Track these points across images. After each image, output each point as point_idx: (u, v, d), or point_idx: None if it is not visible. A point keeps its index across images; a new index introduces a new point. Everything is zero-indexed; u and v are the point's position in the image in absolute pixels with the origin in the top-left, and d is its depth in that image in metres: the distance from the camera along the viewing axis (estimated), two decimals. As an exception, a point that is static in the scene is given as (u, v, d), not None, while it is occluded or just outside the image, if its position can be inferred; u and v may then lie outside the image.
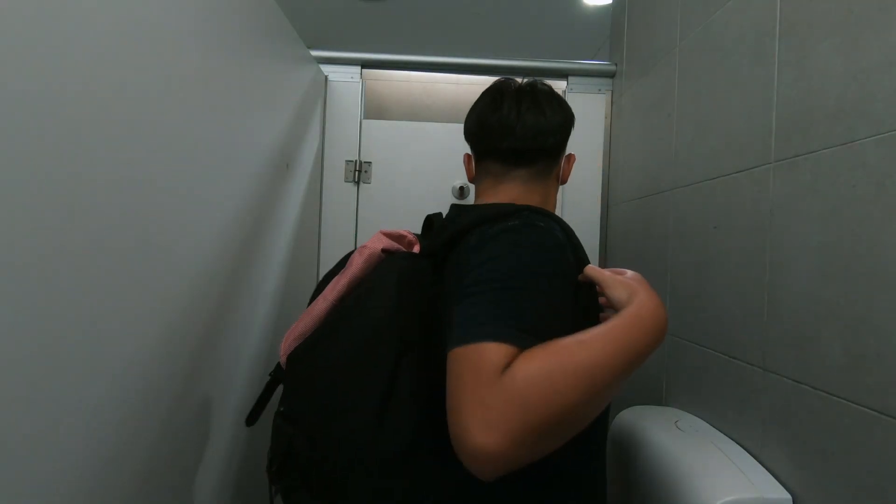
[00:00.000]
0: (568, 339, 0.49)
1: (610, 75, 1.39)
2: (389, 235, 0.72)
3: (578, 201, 1.38)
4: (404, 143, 1.36)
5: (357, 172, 1.36)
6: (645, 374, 1.10)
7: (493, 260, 0.55)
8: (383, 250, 0.70)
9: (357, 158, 1.36)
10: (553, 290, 0.55)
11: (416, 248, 0.70)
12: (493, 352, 0.47)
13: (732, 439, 0.77)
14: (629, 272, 0.63)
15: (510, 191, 0.75)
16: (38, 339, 0.43)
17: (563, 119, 0.78)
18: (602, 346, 0.49)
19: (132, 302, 0.55)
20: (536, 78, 0.81)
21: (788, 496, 0.64)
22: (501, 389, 0.44)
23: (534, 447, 0.45)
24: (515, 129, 0.73)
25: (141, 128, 0.55)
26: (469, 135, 0.80)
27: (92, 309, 0.49)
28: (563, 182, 0.84)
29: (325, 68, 1.36)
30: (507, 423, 0.43)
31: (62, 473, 0.46)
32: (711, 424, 0.83)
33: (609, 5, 1.71)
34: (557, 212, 1.34)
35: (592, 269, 0.62)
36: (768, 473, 0.68)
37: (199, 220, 0.69)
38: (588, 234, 1.38)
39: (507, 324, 0.49)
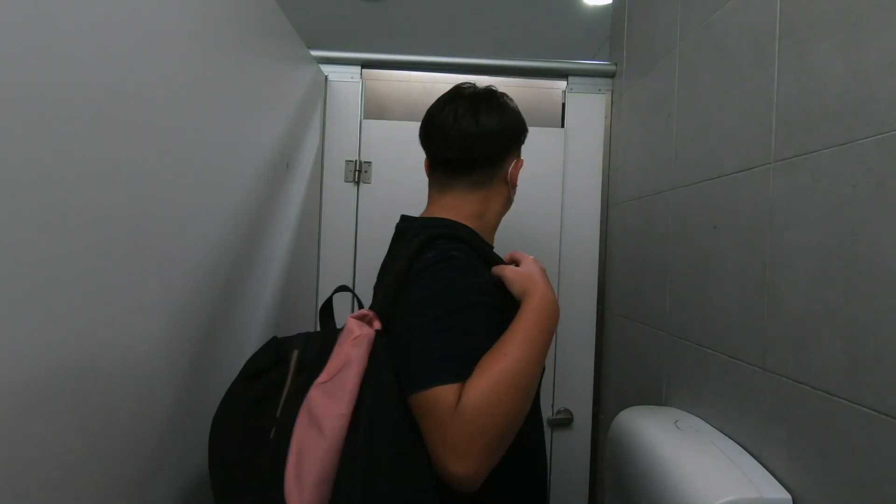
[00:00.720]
0: (491, 356, 0.59)
1: (610, 75, 1.39)
2: (359, 317, 0.65)
3: (578, 201, 1.38)
4: (404, 143, 1.36)
5: (357, 172, 1.36)
6: (645, 374, 1.10)
7: (419, 304, 0.62)
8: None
9: (357, 158, 1.36)
10: (477, 318, 0.62)
11: (377, 324, 0.65)
12: (443, 394, 0.55)
13: (732, 439, 0.77)
14: (528, 259, 0.73)
15: (451, 201, 0.80)
16: (39, 337, 0.43)
17: (499, 127, 0.79)
18: (519, 349, 0.59)
19: (132, 302, 0.55)
20: (493, 85, 0.84)
21: (788, 496, 0.64)
22: (459, 425, 0.54)
23: (497, 454, 0.56)
24: (451, 137, 0.78)
25: (140, 128, 0.55)
26: (420, 139, 0.85)
27: (91, 309, 0.49)
28: (513, 186, 0.86)
29: (325, 68, 1.36)
30: (474, 449, 0.53)
31: (62, 473, 0.46)
32: (711, 424, 0.83)
33: (609, 5, 1.71)
34: (557, 212, 1.35)
35: (496, 268, 0.71)
36: (768, 473, 0.68)
37: (199, 220, 0.69)
38: (588, 234, 1.38)
39: (446, 365, 0.57)
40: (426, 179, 0.85)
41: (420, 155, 0.84)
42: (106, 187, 0.50)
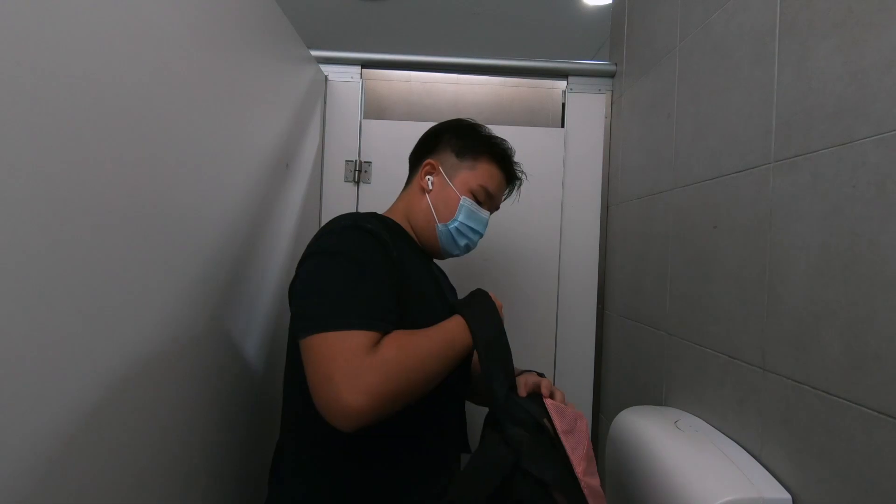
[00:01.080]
0: (415, 334, 0.67)
1: (610, 75, 1.39)
2: None
3: (578, 201, 1.38)
4: (404, 143, 1.34)
5: (357, 172, 1.36)
6: (645, 374, 1.10)
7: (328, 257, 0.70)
8: None
9: (357, 158, 1.36)
10: (374, 278, 0.68)
11: None
12: (360, 336, 0.61)
13: (732, 439, 0.77)
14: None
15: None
16: (39, 336, 0.43)
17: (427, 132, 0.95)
18: (433, 342, 0.68)
19: (131, 303, 0.55)
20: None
21: (788, 496, 0.64)
22: (372, 364, 0.60)
23: (386, 409, 0.60)
24: None
25: (140, 128, 0.55)
26: None
27: (92, 309, 0.49)
28: (424, 189, 0.91)
29: (325, 68, 1.36)
30: (374, 387, 0.59)
31: (63, 471, 0.46)
32: (711, 424, 0.83)
33: (609, 5, 1.71)
34: (557, 212, 1.35)
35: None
36: (768, 473, 0.68)
37: (198, 221, 0.69)
38: (588, 234, 1.38)
39: (361, 313, 0.63)
40: (425, 179, 0.90)
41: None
42: (104, 187, 0.50)
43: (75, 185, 0.46)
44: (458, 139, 0.91)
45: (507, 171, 0.94)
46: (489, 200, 0.91)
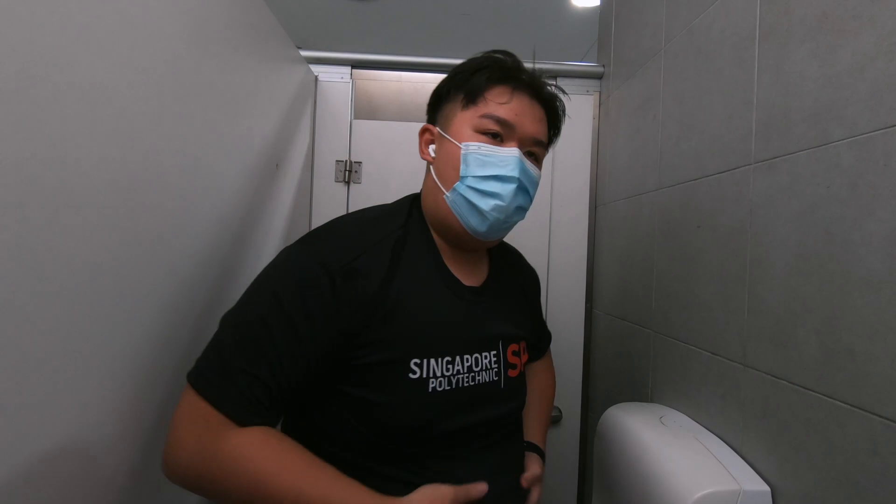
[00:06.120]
0: (282, 472, 0.52)
1: (598, 77, 1.41)
2: None
3: (567, 201, 1.40)
4: (394, 143, 1.36)
5: (347, 172, 1.36)
6: (631, 371, 1.11)
7: None
8: None
9: (347, 158, 1.37)
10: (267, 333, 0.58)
11: None
12: (219, 417, 0.55)
13: (714, 433, 0.79)
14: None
15: None
16: (33, 336, 0.43)
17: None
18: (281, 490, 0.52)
19: (123, 302, 0.55)
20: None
21: (767, 488, 0.66)
22: (203, 452, 0.53)
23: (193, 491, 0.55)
24: None
25: (129, 128, 0.56)
26: None
27: (83, 308, 0.49)
28: (429, 163, 0.75)
29: (315, 68, 1.36)
30: (184, 472, 0.54)
31: (57, 470, 0.47)
32: (695, 419, 0.85)
33: (597, 7, 1.73)
34: (546, 212, 1.36)
35: None
36: (748, 466, 0.70)
37: (187, 221, 0.69)
38: (576, 234, 1.40)
39: (237, 396, 0.56)
40: (417, 178, 0.85)
41: (410, 155, 0.85)
42: (91, 188, 0.50)
43: (66, 187, 0.46)
44: (455, 88, 0.69)
45: (512, 78, 0.68)
46: (509, 131, 0.66)
